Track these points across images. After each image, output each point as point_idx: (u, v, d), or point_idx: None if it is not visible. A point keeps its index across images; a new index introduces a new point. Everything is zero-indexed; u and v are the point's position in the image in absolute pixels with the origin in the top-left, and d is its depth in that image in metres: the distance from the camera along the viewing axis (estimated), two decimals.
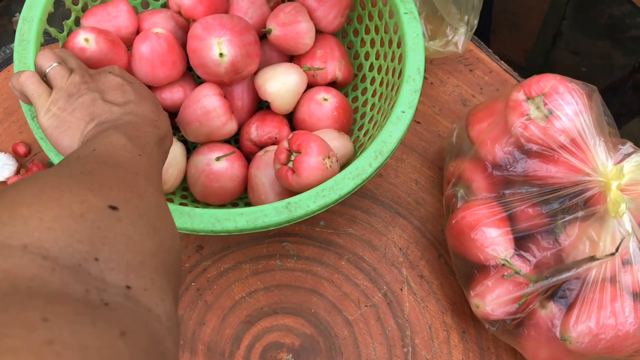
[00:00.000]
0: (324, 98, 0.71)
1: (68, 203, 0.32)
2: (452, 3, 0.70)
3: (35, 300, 0.26)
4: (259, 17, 0.72)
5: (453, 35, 0.72)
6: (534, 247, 0.62)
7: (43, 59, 0.55)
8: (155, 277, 0.33)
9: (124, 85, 0.53)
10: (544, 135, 0.60)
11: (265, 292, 0.70)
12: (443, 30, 0.72)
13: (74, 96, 0.51)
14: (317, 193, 0.57)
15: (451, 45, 0.73)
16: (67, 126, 0.50)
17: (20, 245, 0.29)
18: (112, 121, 0.49)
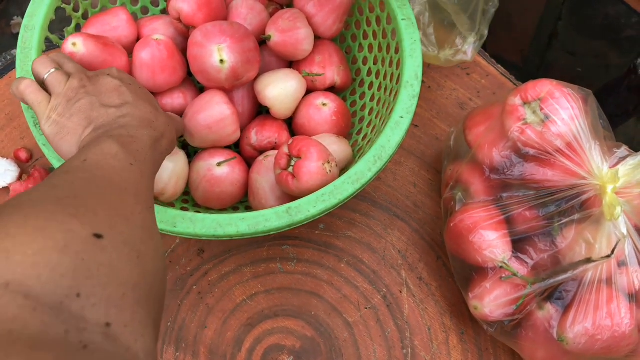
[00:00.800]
0: (323, 103, 0.72)
1: (52, 233, 0.32)
2: (465, 13, 0.70)
3: (17, 346, 0.26)
4: (259, 24, 0.72)
5: (462, 44, 0.73)
6: (531, 249, 0.63)
7: (40, 66, 0.55)
8: (136, 309, 0.33)
9: (121, 87, 0.53)
10: (540, 139, 0.61)
11: (266, 295, 0.71)
12: (452, 40, 0.73)
13: (72, 101, 0.52)
14: (317, 198, 0.58)
15: (461, 54, 0.74)
16: (65, 132, 0.51)
17: (3, 284, 0.29)
18: (107, 125, 0.49)
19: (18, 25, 1.69)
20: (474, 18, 0.72)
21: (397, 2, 0.68)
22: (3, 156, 0.75)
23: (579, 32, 1.62)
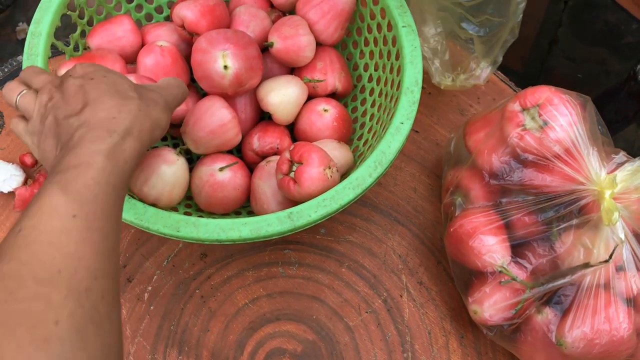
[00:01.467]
0: (324, 109, 0.73)
1: None
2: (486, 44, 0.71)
3: None
4: (261, 31, 0.73)
5: (476, 68, 0.73)
6: (530, 254, 0.64)
7: (9, 93, 0.52)
8: None
9: (82, 87, 0.49)
10: (539, 145, 0.62)
11: (268, 299, 0.71)
12: (467, 64, 0.74)
13: (43, 119, 0.49)
14: (319, 203, 0.59)
15: (474, 79, 0.75)
16: (47, 157, 0.49)
17: None
18: (64, 147, 0.46)
19: (23, 31, 1.70)
20: (493, 47, 0.73)
21: (397, 9, 0.69)
22: (9, 161, 0.76)
23: (579, 38, 1.63)
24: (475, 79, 0.75)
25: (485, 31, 0.71)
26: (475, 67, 0.73)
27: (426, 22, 0.72)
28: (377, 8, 0.72)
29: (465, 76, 0.74)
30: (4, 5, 1.72)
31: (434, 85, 0.83)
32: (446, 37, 0.73)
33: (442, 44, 0.72)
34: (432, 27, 0.72)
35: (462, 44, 0.73)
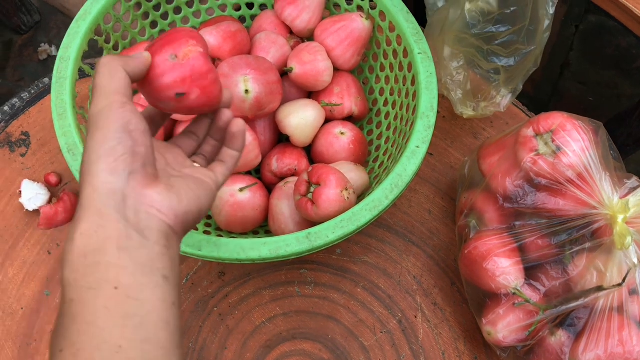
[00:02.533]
0: (341, 132, 0.75)
1: None
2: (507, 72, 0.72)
3: None
4: (281, 57, 0.76)
5: (496, 95, 0.74)
6: (543, 276, 0.65)
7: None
8: None
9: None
10: (552, 170, 0.63)
11: (284, 318, 0.73)
12: (487, 92, 0.75)
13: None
14: (336, 224, 0.60)
15: (494, 106, 0.76)
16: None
17: None
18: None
19: (45, 52, 1.75)
20: (517, 76, 0.74)
21: (414, 36, 0.71)
22: (34, 180, 0.78)
23: (590, 62, 1.65)
24: (496, 106, 0.76)
25: (515, 60, 0.72)
26: (496, 95, 0.75)
27: (449, 55, 0.73)
28: (394, 35, 0.74)
29: (486, 104, 0.75)
30: (27, 27, 1.77)
31: (448, 109, 0.85)
32: (467, 67, 0.74)
33: (465, 75, 0.73)
34: (455, 60, 0.73)
35: (482, 73, 0.74)
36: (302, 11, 0.78)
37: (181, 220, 0.42)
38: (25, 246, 0.76)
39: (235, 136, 0.51)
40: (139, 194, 0.40)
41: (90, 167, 0.40)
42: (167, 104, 0.47)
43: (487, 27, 0.70)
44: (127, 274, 0.38)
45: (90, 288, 0.37)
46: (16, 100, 0.86)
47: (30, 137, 0.83)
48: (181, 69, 0.46)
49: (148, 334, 0.37)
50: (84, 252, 0.38)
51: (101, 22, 0.72)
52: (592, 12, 1.65)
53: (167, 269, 0.40)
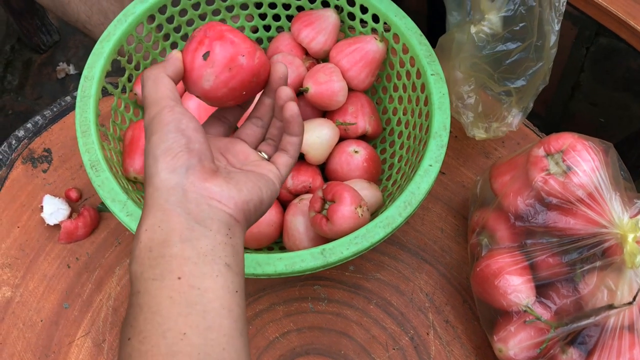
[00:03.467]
0: (355, 150, 0.77)
1: None
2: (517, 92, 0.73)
3: None
4: (296, 77, 0.78)
5: (507, 115, 0.75)
6: (554, 294, 0.65)
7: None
8: None
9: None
10: (562, 189, 0.64)
11: (298, 333, 0.74)
12: (499, 113, 0.76)
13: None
14: (350, 240, 0.62)
15: (506, 126, 0.77)
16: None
17: None
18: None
19: (63, 71, 1.79)
20: (527, 95, 0.75)
21: (426, 58, 0.73)
22: (55, 195, 0.80)
23: (601, 83, 1.66)
24: (508, 126, 0.76)
25: (526, 79, 0.73)
26: (507, 115, 0.76)
27: (460, 79, 0.74)
28: (407, 57, 0.76)
29: (498, 125, 0.76)
30: (46, 47, 1.82)
31: (460, 129, 0.86)
32: (478, 90, 0.75)
33: (476, 98, 0.74)
34: (466, 84, 0.74)
35: (493, 94, 0.75)
36: (318, 33, 0.80)
37: (241, 209, 0.44)
38: (46, 260, 0.78)
39: (290, 120, 0.51)
40: (198, 187, 0.43)
41: (150, 169, 0.43)
42: (199, 80, 0.49)
43: (497, 46, 0.71)
44: (189, 264, 0.40)
45: (155, 279, 0.40)
46: (39, 117, 0.88)
47: (52, 153, 0.85)
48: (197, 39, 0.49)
49: (211, 321, 0.39)
50: (149, 246, 0.41)
51: (124, 43, 0.74)
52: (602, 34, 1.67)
53: (230, 257, 0.42)
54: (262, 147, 0.54)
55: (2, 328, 0.73)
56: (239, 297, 0.41)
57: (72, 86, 1.75)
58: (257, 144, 0.55)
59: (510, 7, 0.68)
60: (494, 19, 0.69)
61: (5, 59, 1.81)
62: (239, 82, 0.50)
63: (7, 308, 0.74)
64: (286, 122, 0.52)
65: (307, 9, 0.84)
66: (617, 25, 0.89)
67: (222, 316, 0.40)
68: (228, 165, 0.50)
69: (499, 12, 0.68)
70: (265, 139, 0.55)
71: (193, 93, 0.51)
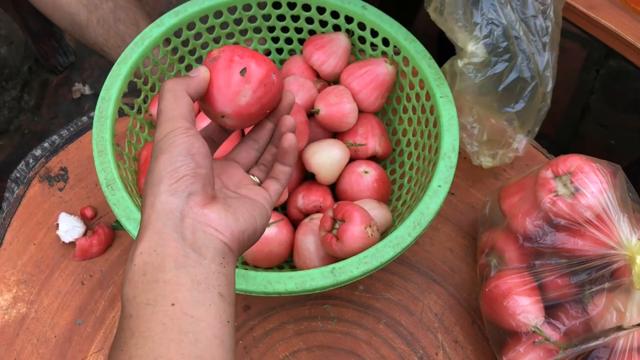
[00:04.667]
0: (365, 171, 0.78)
1: None
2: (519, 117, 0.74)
3: None
4: (308, 99, 0.79)
5: (513, 141, 0.76)
6: (563, 315, 0.66)
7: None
8: None
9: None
10: (570, 210, 0.65)
11: (307, 352, 0.74)
12: (504, 139, 0.76)
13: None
14: (360, 260, 0.63)
15: (513, 152, 0.78)
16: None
17: None
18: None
19: (78, 91, 1.82)
20: (529, 118, 0.75)
21: (435, 81, 0.74)
22: (71, 213, 0.82)
23: (611, 105, 1.67)
24: (514, 152, 0.77)
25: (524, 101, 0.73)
26: (512, 141, 0.76)
27: (462, 112, 0.75)
28: (416, 79, 0.78)
29: (504, 151, 0.76)
30: (63, 68, 1.85)
31: None
32: (482, 119, 0.76)
33: (479, 128, 0.75)
34: (468, 115, 0.75)
35: (498, 121, 0.76)
36: (329, 56, 0.82)
37: (237, 239, 0.45)
38: (60, 276, 0.79)
39: (288, 151, 0.53)
40: (197, 213, 0.43)
41: (152, 188, 0.43)
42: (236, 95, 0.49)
43: (488, 71, 0.71)
44: (183, 291, 0.40)
45: (148, 304, 0.39)
46: (56, 137, 0.91)
47: (69, 172, 0.87)
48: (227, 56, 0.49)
49: (202, 350, 0.39)
50: (144, 269, 0.41)
51: (140, 66, 0.76)
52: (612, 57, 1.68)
53: (223, 286, 0.42)
54: (254, 171, 0.55)
55: (16, 343, 0.74)
56: (231, 328, 0.41)
57: (87, 106, 1.78)
58: (250, 168, 0.55)
59: (486, 32, 0.70)
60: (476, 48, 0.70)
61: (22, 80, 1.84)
62: (270, 99, 0.51)
63: (22, 324, 0.76)
64: (283, 152, 0.53)
65: (319, 32, 0.86)
66: (626, 48, 0.90)
67: (214, 346, 0.39)
68: (223, 187, 0.50)
69: (478, 41, 0.70)
70: (257, 163, 0.55)
71: (220, 111, 0.50)
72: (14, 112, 1.79)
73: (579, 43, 1.71)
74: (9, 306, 0.77)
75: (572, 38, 1.66)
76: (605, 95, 1.69)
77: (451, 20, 0.70)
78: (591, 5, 0.90)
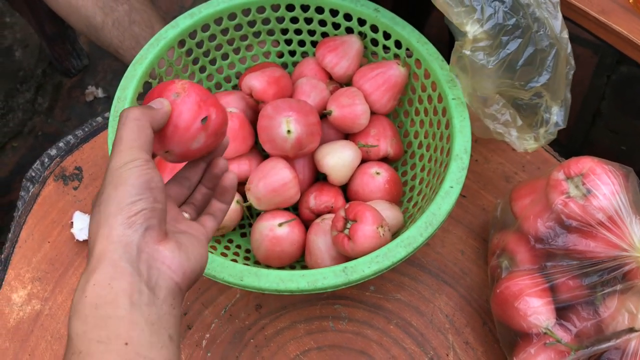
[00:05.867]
0: (377, 172, 0.78)
1: None
2: (548, 88, 0.70)
3: None
4: (320, 100, 0.80)
5: (550, 116, 0.72)
6: (574, 317, 0.66)
7: None
8: None
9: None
10: (582, 212, 0.65)
11: (318, 352, 0.75)
12: (539, 119, 0.73)
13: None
14: (372, 259, 0.63)
15: (554, 126, 0.73)
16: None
17: None
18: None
19: (91, 94, 1.84)
20: (558, 86, 0.71)
21: (447, 83, 0.74)
22: (86, 212, 0.83)
23: (622, 111, 1.67)
24: (555, 125, 0.73)
25: (549, 71, 0.70)
26: (550, 116, 0.73)
27: (487, 101, 0.72)
28: (429, 81, 0.78)
29: (545, 128, 0.73)
30: (76, 71, 1.87)
31: (481, 153, 0.88)
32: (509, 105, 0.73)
33: (510, 113, 0.72)
34: (494, 104, 0.72)
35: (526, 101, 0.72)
36: (342, 58, 0.83)
37: (188, 278, 0.44)
38: (74, 274, 0.80)
39: (227, 190, 0.54)
40: (152, 249, 0.42)
41: (107, 219, 0.41)
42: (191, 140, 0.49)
43: (501, 53, 0.68)
44: (137, 330, 0.39)
45: (100, 341, 0.38)
46: (70, 137, 0.92)
47: (83, 171, 0.88)
48: (192, 98, 0.49)
49: None
50: (96, 303, 0.39)
51: (155, 66, 0.77)
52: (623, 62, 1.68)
53: (173, 328, 0.41)
54: (184, 209, 0.53)
55: (31, 340, 0.75)
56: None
57: (99, 109, 1.80)
58: (180, 204, 0.54)
59: (490, 11, 0.67)
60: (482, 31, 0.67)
61: (36, 82, 1.86)
62: (215, 146, 0.53)
63: (37, 321, 0.77)
64: (223, 190, 0.54)
65: (332, 35, 0.87)
66: (638, 53, 0.90)
67: None
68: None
69: (482, 23, 0.67)
70: (187, 202, 0.54)
71: (169, 149, 0.49)
72: (27, 115, 1.81)
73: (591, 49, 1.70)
74: (23, 303, 0.78)
75: (583, 44, 1.66)
76: (617, 101, 1.69)
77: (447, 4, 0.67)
78: (603, 10, 0.90)
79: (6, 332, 0.76)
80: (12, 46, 1.91)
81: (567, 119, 0.73)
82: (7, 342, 0.75)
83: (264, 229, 0.73)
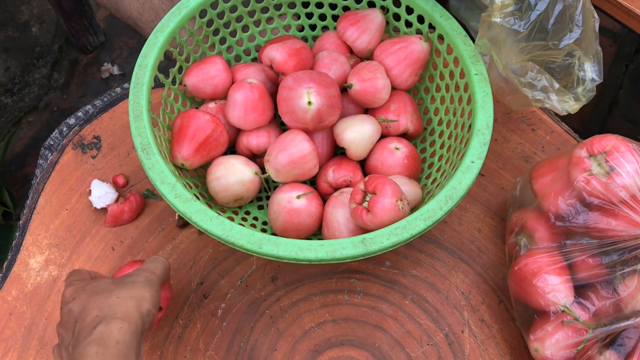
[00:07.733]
0: (396, 147, 0.78)
1: None
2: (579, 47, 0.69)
3: None
4: (341, 74, 0.80)
5: (584, 73, 0.71)
6: (593, 295, 0.65)
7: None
8: None
9: (71, 310, 0.58)
10: (605, 190, 0.64)
11: (333, 324, 0.75)
12: (575, 76, 0.72)
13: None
14: (391, 231, 0.63)
15: (590, 82, 0.72)
16: None
17: None
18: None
19: (107, 71, 1.85)
20: (588, 38, 0.70)
21: (470, 58, 0.74)
22: (103, 180, 0.83)
23: None
24: (592, 82, 0.72)
25: (579, 26, 0.69)
26: (585, 73, 0.71)
27: (521, 70, 0.71)
28: (451, 57, 0.77)
29: (583, 86, 0.72)
30: (92, 47, 1.88)
31: (500, 132, 0.87)
32: (543, 70, 0.72)
33: (546, 77, 0.71)
34: (528, 71, 0.71)
35: (559, 63, 0.71)
36: (363, 32, 0.82)
37: None
38: (92, 242, 0.80)
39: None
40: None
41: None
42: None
43: (532, 15, 0.68)
44: None
45: None
46: (89, 107, 0.92)
47: (102, 140, 0.88)
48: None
49: None
50: None
51: (177, 35, 0.77)
52: None
53: None
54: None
55: (48, 304, 0.76)
56: None
57: (115, 86, 1.81)
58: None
59: None
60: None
61: (53, 58, 1.87)
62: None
63: (54, 286, 0.77)
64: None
65: (353, 8, 0.86)
66: None
67: None
68: None
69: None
70: None
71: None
72: (43, 90, 1.82)
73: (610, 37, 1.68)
74: (41, 268, 0.78)
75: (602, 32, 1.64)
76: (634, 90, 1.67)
77: None
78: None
79: (24, 296, 0.76)
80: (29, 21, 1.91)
81: (602, 73, 0.72)
82: (25, 306, 0.76)
83: (282, 200, 0.73)
